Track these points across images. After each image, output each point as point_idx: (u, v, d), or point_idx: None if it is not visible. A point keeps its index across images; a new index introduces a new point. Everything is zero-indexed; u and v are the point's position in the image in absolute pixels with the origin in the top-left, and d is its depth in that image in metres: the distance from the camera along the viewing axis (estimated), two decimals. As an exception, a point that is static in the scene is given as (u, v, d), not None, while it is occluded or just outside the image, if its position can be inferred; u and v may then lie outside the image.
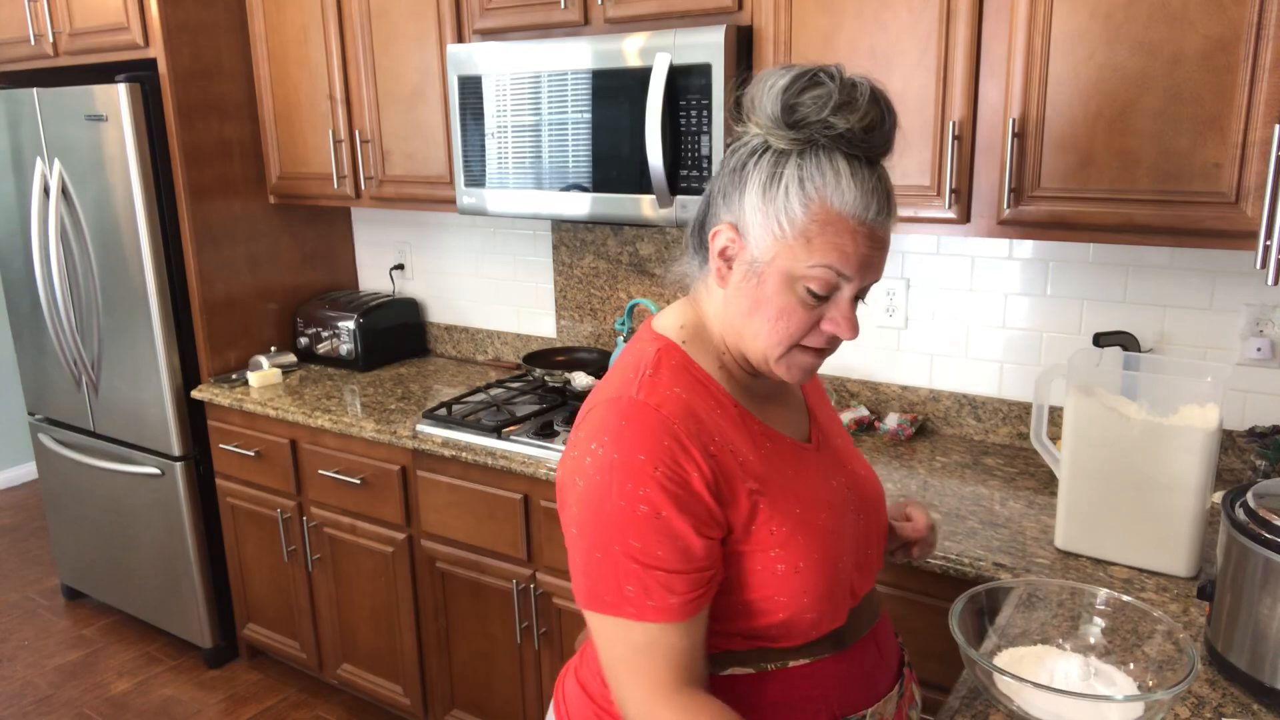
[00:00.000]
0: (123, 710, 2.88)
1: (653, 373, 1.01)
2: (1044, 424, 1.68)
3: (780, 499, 1.02)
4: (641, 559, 0.94)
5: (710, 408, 1.01)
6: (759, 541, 1.00)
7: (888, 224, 0.97)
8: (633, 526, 0.94)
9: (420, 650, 2.54)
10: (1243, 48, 1.49)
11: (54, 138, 2.90)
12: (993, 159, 1.76)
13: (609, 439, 0.96)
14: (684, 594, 0.95)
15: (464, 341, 3.10)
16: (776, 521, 1.00)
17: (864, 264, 0.96)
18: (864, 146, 0.95)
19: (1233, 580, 1.22)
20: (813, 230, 0.94)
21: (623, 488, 0.94)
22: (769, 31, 1.93)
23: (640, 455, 0.94)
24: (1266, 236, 1.36)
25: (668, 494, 0.94)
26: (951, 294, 2.19)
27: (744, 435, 1.03)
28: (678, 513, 0.94)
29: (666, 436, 0.95)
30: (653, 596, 0.94)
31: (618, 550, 0.94)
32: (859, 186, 0.94)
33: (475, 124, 2.31)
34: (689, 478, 0.95)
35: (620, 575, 0.95)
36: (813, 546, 1.02)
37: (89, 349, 3.04)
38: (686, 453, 0.95)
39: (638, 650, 0.96)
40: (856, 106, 0.93)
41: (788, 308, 0.97)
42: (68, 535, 3.40)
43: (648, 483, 0.94)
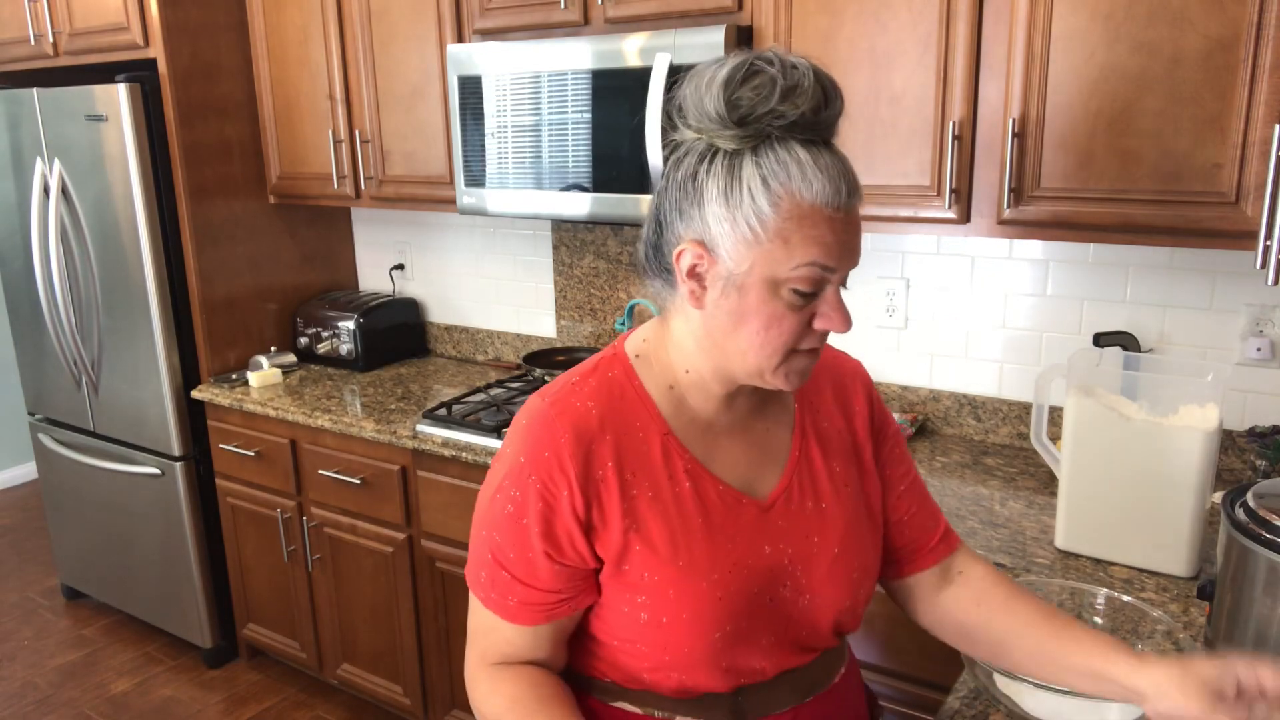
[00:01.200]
0: (123, 710, 2.88)
1: (578, 381, 0.99)
2: (1044, 424, 1.68)
3: (665, 546, 0.95)
4: (496, 555, 0.97)
5: (629, 430, 0.96)
6: (627, 583, 0.95)
7: (857, 204, 0.90)
8: (498, 521, 0.96)
9: (420, 650, 2.54)
10: (1243, 48, 1.49)
11: (54, 138, 2.90)
12: (993, 159, 1.76)
13: (511, 434, 0.98)
14: (522, 603, 0.96)
15: (464, 341, 3.10)
16: (650, 568, 0.94)
17: (845, 251, 0.89)
18: (817, 130, 0.88)
19: (1233, 580, 1.22)
20: (789, 228, 0.86)
21: (501, 482, 0.96)
22: (769, 31, 1.93)
23: (522, 459, 0.95)
24: (1266, 236, 1.36)
25: (534, 505, 0.94)
26: (951, 294, 2.19)
27: (659, 468, 0.96)
28: (536, 527, 0.94)
29: (549, 449, 0.94)
30: (495, 590, 0.97)
31: (484, 536, 0.98)
32: (824, 172, 0.87)
33: (475, 124, 2.31)
34: (557, 499, 0.93)
35: (479, 561, 0.98)
36: (686, 605, 0.94)
37: (89, 349, 3.04)
38: (564, 473, 0.93)
39: (477, 627, 1.01)
40: (802, 89, 0.86)
41: (775, 315, 0.90)
42: (68, 535, 3.40)
43: (521, 486, 0.94)
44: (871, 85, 1.84)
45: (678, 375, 0.99)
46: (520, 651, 0.99)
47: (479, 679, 1.01)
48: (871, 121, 1.85)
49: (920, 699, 1.70)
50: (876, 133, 1.85)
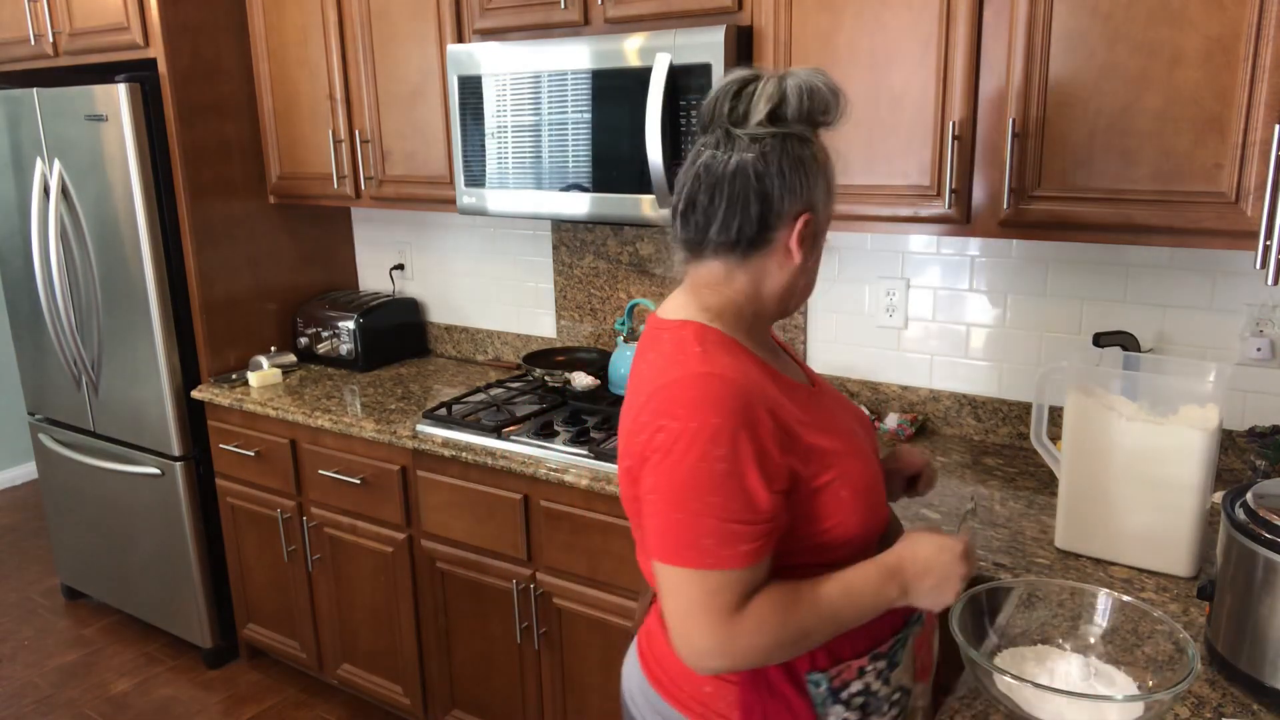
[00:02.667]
0: (123, 710, 2.88)
1: (701, 350, 1.11)
2: (1044, 424, 1.68)
3: (824, 437, 1.14)
4: (720, 514, 1.04)
5: (757, 372, 1.13)
6: (825, 476, 1.12)
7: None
8: (711, 486, 1.04)
9: (420, 650, 2.54)
10: (1243, 48, 1.49)
11: (54, 138, 2.90)
12: (993, 159, 1.76)
13: (683, 411, 1.05)
14: (753, 542, 1.06)
15: (464, 341, 3.10)
16: (831, 455, 1.13)
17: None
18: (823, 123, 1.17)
19: (1233, 580, 1.22)
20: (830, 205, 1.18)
21: (702, 451, 1.03)
22: (769, 31, 1.93)
23: (715, 420, 1.04)
24: (1266, 236, 1.36)
25: (743, 453, 1.04)
26: (951, 294, 2.19)
27: (783, 391, 1.15)
28: (753, 470, 1.04)
29: (736, 400, 1.05)
30: (728, 547, 1.04)
31: (698, 508, 1.04)
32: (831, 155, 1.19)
33: (475, 124, 2.31)
34: (761, 436, 1.05)
35: (699, 532, 1.05)
36: (858, 470, 1.16)
37: (89, 349, 3.04)
38: (755, 413, 1.06)
39: (711, 593, 1.05)
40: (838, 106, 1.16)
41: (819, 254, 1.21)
42: (68, 535, 3.40)
43: (725, 444, 1.03)
44: (871, 85, 1.84)
45: (742, 326, 1.18)
46: (754, 586, 1.08)
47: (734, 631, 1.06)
48: (871, 121, 1.85)
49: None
50: (876, 133, 1.85)
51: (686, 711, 1.20)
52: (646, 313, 2.62)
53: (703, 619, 1.06)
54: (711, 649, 1.07)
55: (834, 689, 1.15)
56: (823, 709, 1.15)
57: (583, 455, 2.12)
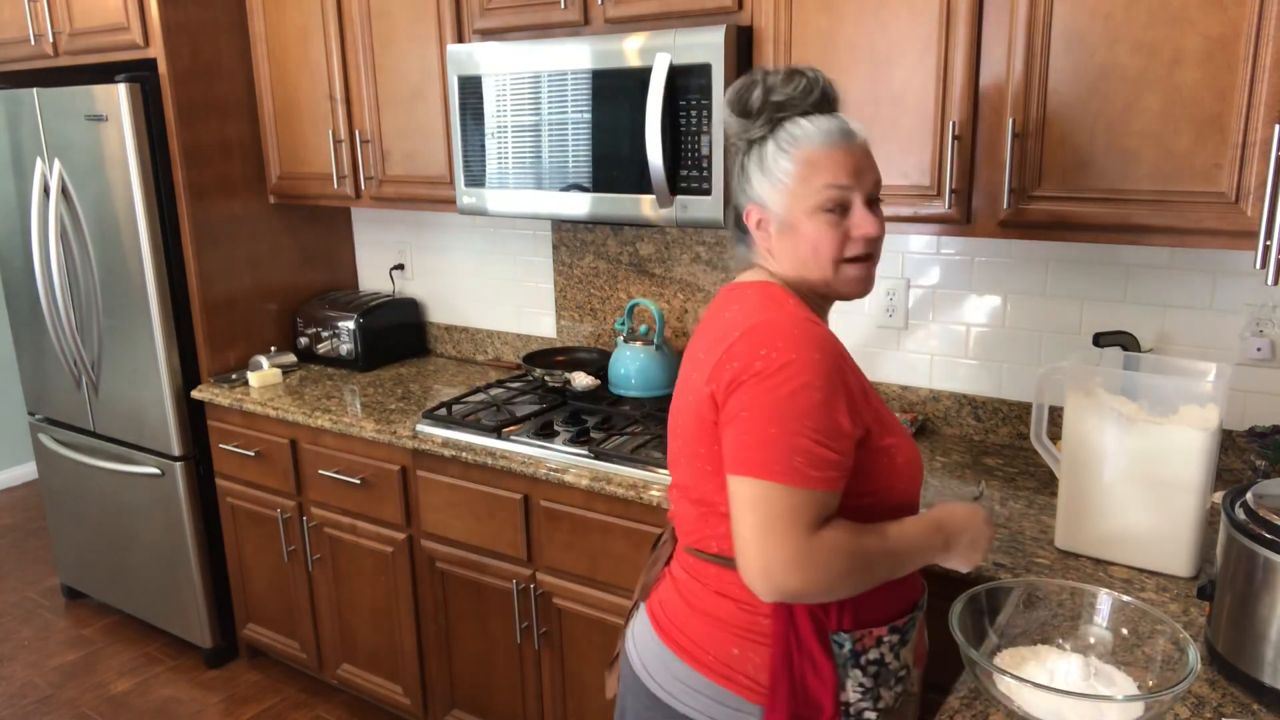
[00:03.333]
0: (123, 710, 2.88)
1: (792, 304, 1.22)
2: (1044, 424, 1.68)
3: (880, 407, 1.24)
4: (813, 437, 1.13)
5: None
6: (885, 439, 1.22)
7: (856, 138, 1.24)
8: (809, 411, 1.13)
9: (420, 650, 2.55)
10: (1243, 48, 1.49)
11: (54, 138, 2.90)
12: (993, 159, 1.76)
13: (785, 344, 1.15)
14: (837, 470, 1.15)
15: (464, 341, 3.10)
16: (888, 423, 1.24)
17: (856, 169, 1.22)
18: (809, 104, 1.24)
19: (1233, 580, 1.22)
20: (806, 170, 1.21)
21: (803, 378, 1.13)
22: (769, 32, 1.93)
23: (816, 355, 1.15)
24: (1266, 236, 1.36)
25: (837, 390, 1.15)
26: (951, 294, 2.19)
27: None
28: (842, 405, 1.15)
29: (830, 342, 1.18)
30: (815, 468, 1.13)
31: (793, 428, 1.13)
32: (817, 128, 1.22)
33: (475, 124, 2.31)
34: (848, 378, 1.17)
35: (794, 449, 1.13)
36: (908, 442, 1.26)
37: (89, 349, 3.04)
38: (844, 357, 1.19)
39: (795, 508, 1.13)
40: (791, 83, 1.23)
41: (820, 233, 1.22)
42: (68, 535, 3.40)
43: (824, 377, 1.14)
44: (871, 85, 1.84)
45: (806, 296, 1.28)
46: (830, 511, 1.16)
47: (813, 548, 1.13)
48: (871, 121, 1.85)
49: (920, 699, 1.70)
50: (876, 133, 1.85)
51: (711, 675, 1.23)
52: (646, 313, 2.62)
53: (785, 533, 1.12)
54: (789, 562, 1.12)
55: (855, 652, 1.21)
56: (844, 671, 1.21)
57: (583, 455, 2.12)
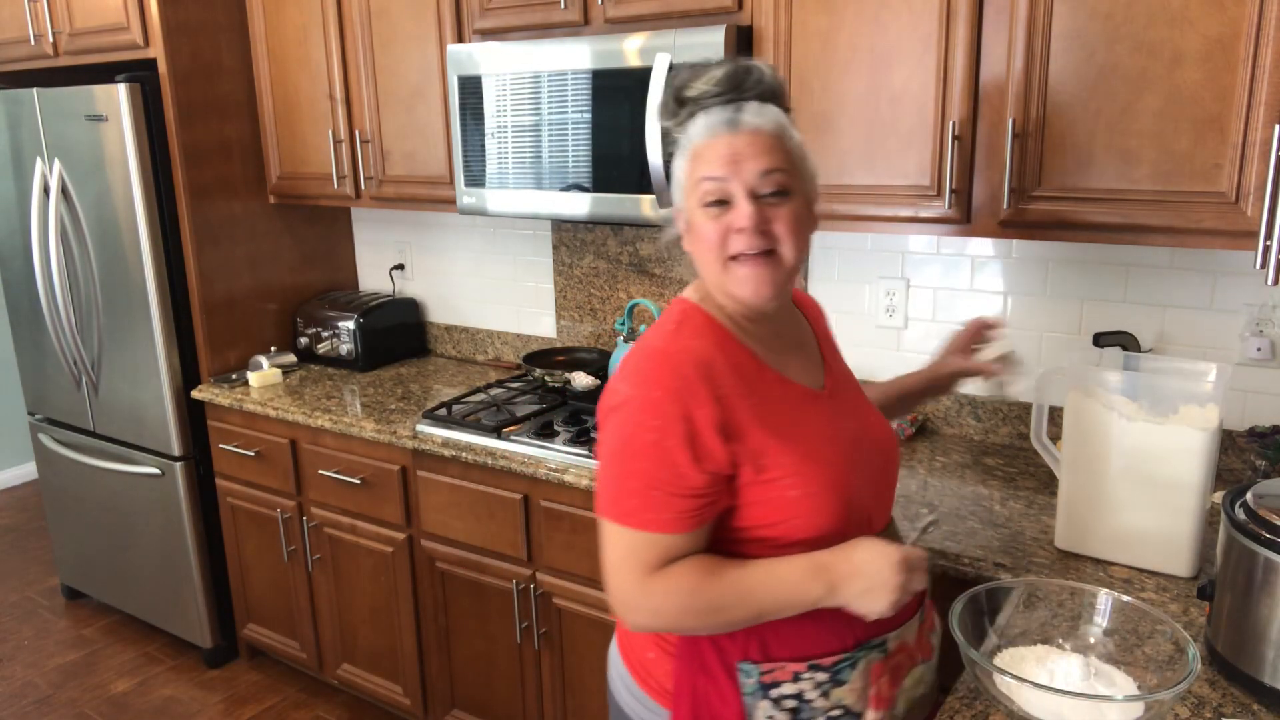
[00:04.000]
0: (123, 710, 2.88)
1: (675, 328, 1.18)
2: (1044, 424, 1.68)
3: (790, 436, 1.15)
4: (647, 480, 1.10)
5: (727, 359, 1.16)
6: (771, 473, 1.13)
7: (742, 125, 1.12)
8: (643, 451, 1.10)
9: (420, 650, 2.55)
10: (1243, 48, 1.49)
11: (54, 138, 2.90)
12: (993, 159, 1.76)
13: (633, 379, 1.13)
14: (678, 513, 1.11)
15: (464, 341, 3.10)
16: (785, 454, 1.14)
17: (733, 159, 1.11)
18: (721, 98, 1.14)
19: (1233, 580, 1.22)
20: (691, 165, 1.15)
21: (637, 418, 1.11)
22: (769, 31, 1.93)
23: (655, 393, 1.11)
24: (1266, 236, 1.36)
25: (674, 431, 1.09)
26: (951, 294, 2.19)
27: (759, 381, 1.17)
28: (681, 446, 1.09)
29: (678, 379, 1.11)
30: (651, 510, 1.10)
31: (628, 469, 1.11)
32: (709, 116, 1.14)
33: (475, 124, 2.31)
34: (695, 416, 1.10)
35: (626, 492, 1.11)
36: (820, 474, 1.15)
37: (89, 349, 3.04)
38: (695, 394, 1.10)
39: (631, 550, 1.12)
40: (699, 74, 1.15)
41: (705, 230, 1.14)
42: (68, 535, 3.40)
43: (658, 416, 1.10)
44: (871, 85, 1.84)
45: (731, 307, 1.20)
46: (677, 554, 1.13)
47: (649, 588, 1.12)
48: (871, 121, 1.85)
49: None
50: (876, 133, 1.85)
51: (635, 674, 1.29)
52: (646, 313, 2.62)
53: (625, 573, 1.13)
54: (628, 602, 1.13)
55: (763, 684, 1.16)
56: (751, 700, 1.17)
57: (583, 455, 2.12)
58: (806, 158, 1.19)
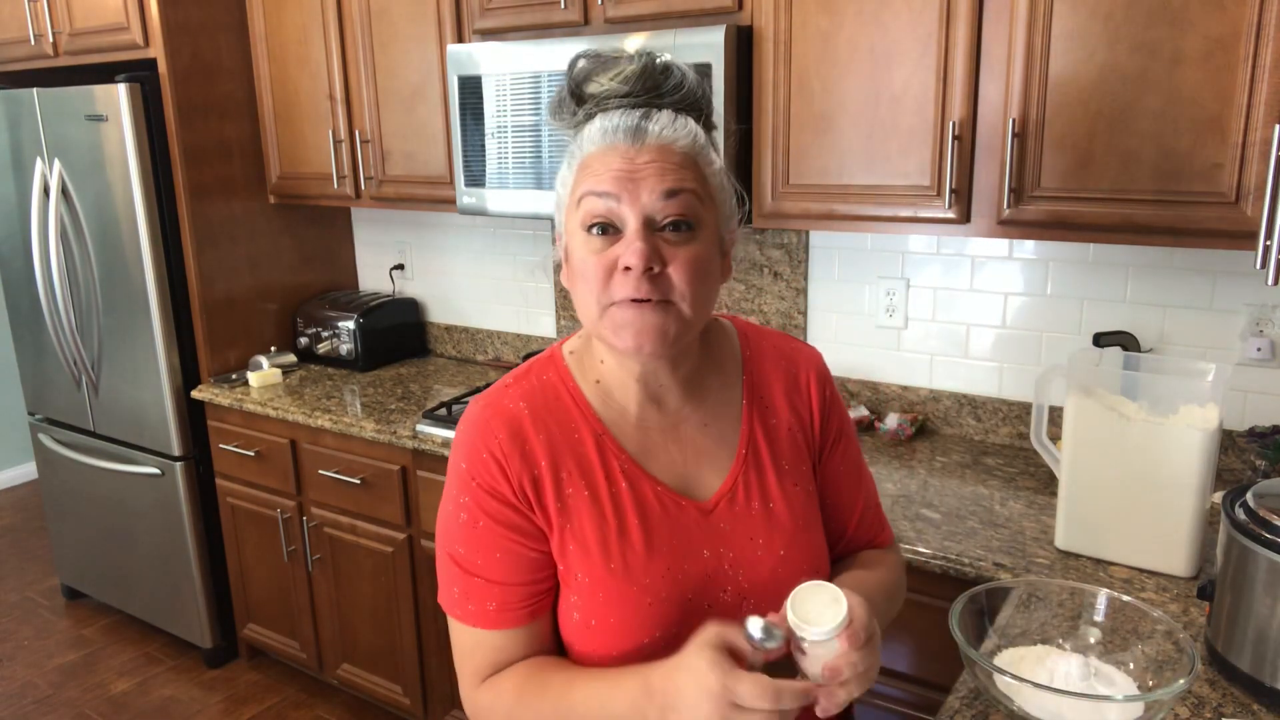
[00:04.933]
0: (123, 710, 2.88)
1: (512, 382, 0.99)
2: (1044, 424, 1.68)
3: (596, 548, 0.93)
4: (464, 564, 0.94)
5: (562, 429, 0.96)
6: (564, 579, 0.95)
7: (649, 136, 0.89)
8: (458, 532, 0.94)
9: (420, 650, 2.54)
10: (1243, 48, 1.49)
11: (54, 138, 2.90)
12: (993, 159, 1.76)
13: (454, 444, 0.97)
14: (501, 605, 0.93)
15: (464, 341, 3.10)
16: (583, 569, 0.93)
17: (629, 175, 0.87)
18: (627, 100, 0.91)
19: (1233, 580, 1.22)
20: (580, 178, 0.90)
21: (451, 493, 0.96)
22: (769, 31, 1.93)
23: (463, 464, 0.95)
24: (1266, 236, 1.36)
25: (484, 506, 0.93)
26: (951, 294, 2.19)
27: (595, 467, 0.95)
28: (495, 523, 0.93)
29: (484, 449, 0.94)
30: (473, 600, 0.94)
31: (447, 553, 0.96)
32: (607, 120, 0.90)
33: (475, 124, 2.31)
34: (504, 491, 0.93)
35: (450, 578, 0.96)
36: (614, 610, 0.92)
37: (89, 349, 3.04)
38: (503, 471, 0.93)
39: (465, 652, 0.96)
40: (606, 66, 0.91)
41: (585, 262, 0.89)
42: (68, 535, 3.40)
43: (469, 491, 0.94)
44: (871, 85, 1.84)
45: (599, 368, 0.99)
46: (510, 658, 0.96)
47: (478, 697, 0.96)
48: (871, 121, 1.85)
49: (920, 699, 1.70)
50: (876, 133, 1.85)
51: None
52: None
53: (460, 676, 0.98)
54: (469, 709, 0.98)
55: None
56: None
57: (583, 455, 2.11)
58: (726, 189, 0.95)
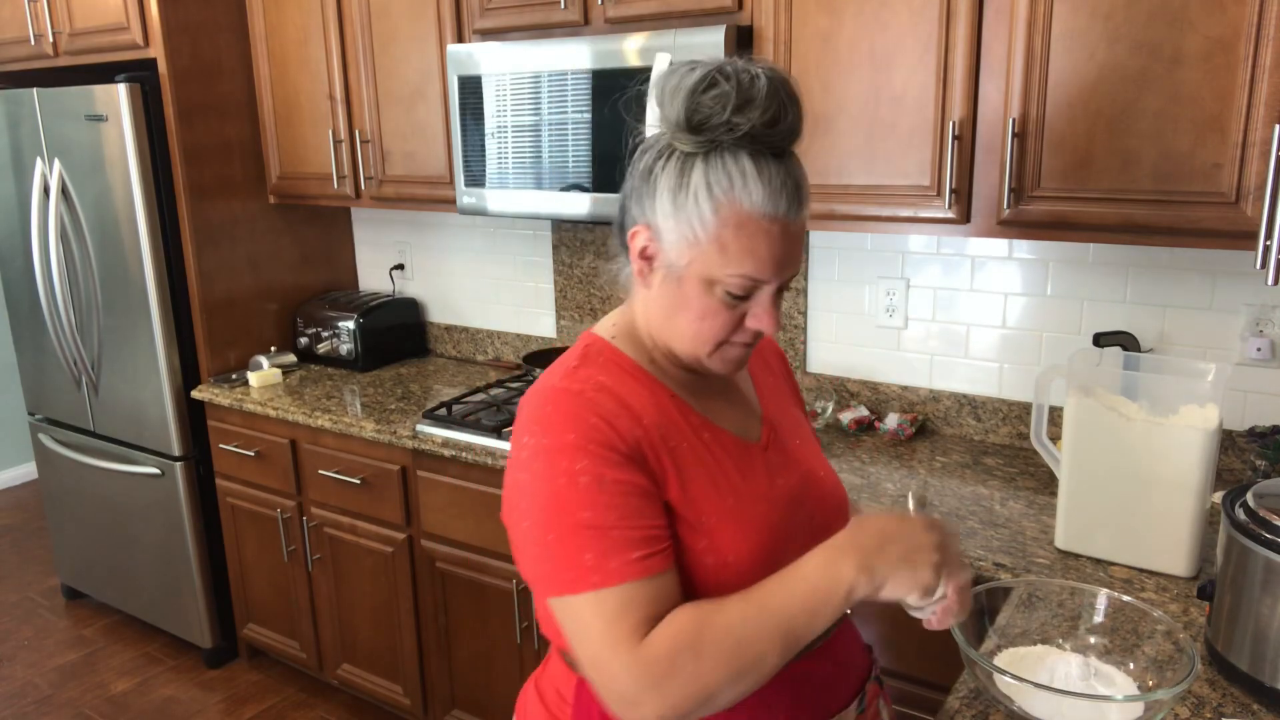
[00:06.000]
0: (123, 710, 2.88)
1: (577, 364, 1.02)
2: (1044, 424, 1.68)
3: (714, 492, 1.00)
4: (597, 525, 0.92)
5: (640, 395, 1.01)
6: (686, 530, 0.98)
7: (800, 216, 0.96)
8: (580, 498, 0.93)
9: (420, 650, 2.54)
10: (1243, 48, 1.49)
11: (54, 138, 2.90)
12: (993, 159, 1.76)
13: (537, 427, 0.97)
14: (644, 549, 0.93)
15: (464, 341, 3.10)
16: (706, 512, 0.99)
17: (780, 263, 0.96)
18: (768, 141, 0.94)
19: (1233, 580, 1.22)
20: (726, 235, 0.93)
21: (562, 467, 0.94)
22: (769, 31, 1.93)
23: (570, 435, 0.95)
24: (1266, 236, 1.36)
25: (605, 461, 0.94)
26: (951, 294, 2.19)
27: (679, 424, 1.02)
28: (618, 473, 0.94)
29: (591, 415, 0.96)
30: (614, 558, 0.92)
31: (570, 524, 0.93)
32: (766, 184, 0.93)
33: (475, 124, 2.31)
34: (620, 446, 0.95)
35: (579, 548, 0.92)
36: (744, 539, 0.99)
37: (89, 349, 3.04)
38: (613, 427, 0.96)
39: (611, 619, 0.90)
40: (756, 103, 0.91)
41: (709, 309, 0.98)
42: (68, 535, 3.40)
43: (583, 457, 0.94)
44: (871, 85, 1.84)
45: (651, 351, 1.06)
46: (665, 605, 0.93)
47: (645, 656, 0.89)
48: (871, 121, 1.85)
49: (920, 699, 1.70)
50: (876, 133, 1.85)
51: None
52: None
53: (613, 654, 0.89)
54: (634, 690, 0.88)
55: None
56: None
57: (583, 455, 2.11)
58: None
